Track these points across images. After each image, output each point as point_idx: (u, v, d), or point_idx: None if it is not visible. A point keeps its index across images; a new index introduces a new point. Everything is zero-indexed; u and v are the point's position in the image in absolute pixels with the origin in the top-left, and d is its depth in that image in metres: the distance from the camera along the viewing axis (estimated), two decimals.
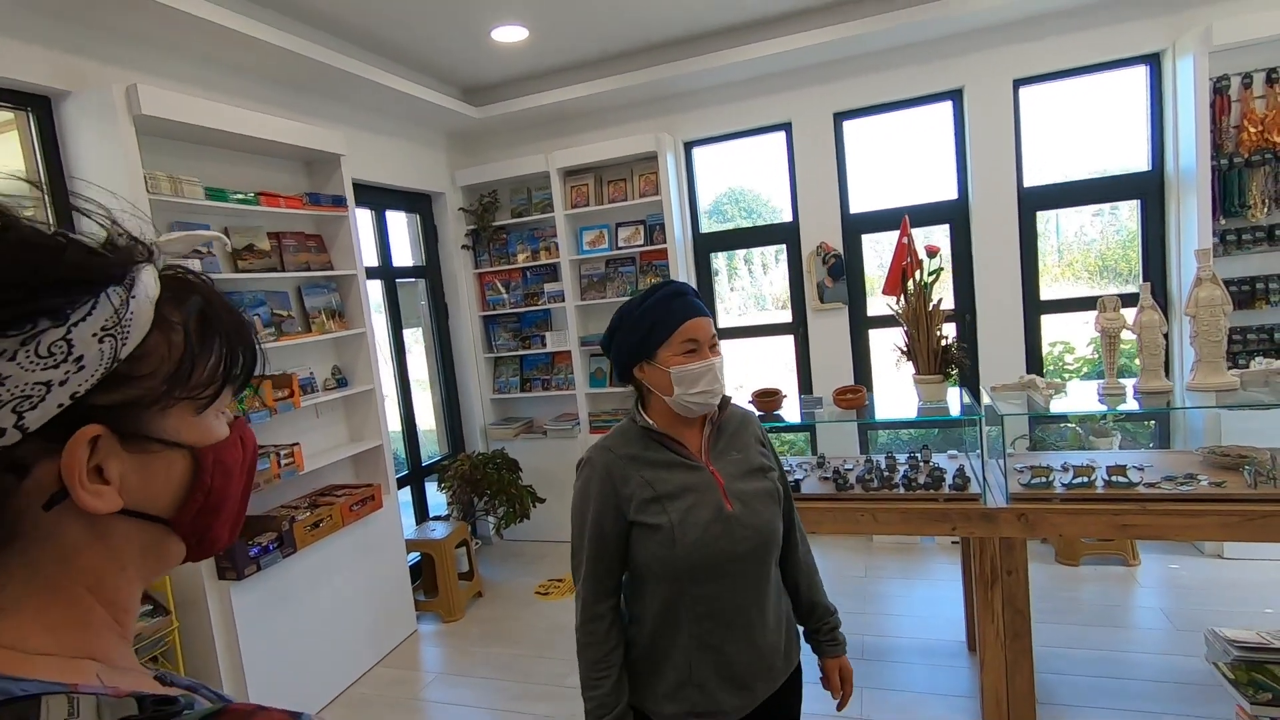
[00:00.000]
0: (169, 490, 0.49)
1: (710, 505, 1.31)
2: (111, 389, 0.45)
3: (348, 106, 3.72)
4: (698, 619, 1.31)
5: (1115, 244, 4.14)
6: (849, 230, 4.09)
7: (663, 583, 1.32)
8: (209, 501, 0.51)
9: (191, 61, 2.88)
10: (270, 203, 2.96)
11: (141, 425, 0.47)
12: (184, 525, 0.50)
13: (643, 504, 1.31)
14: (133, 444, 0.46)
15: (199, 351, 0.49)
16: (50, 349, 0.41)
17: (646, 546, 1.31)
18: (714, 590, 1.31)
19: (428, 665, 3.29)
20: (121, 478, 0.46)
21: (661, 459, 1.35)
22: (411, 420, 4.32)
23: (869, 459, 2.77)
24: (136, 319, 0.45)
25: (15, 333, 0.40)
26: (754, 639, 1.34)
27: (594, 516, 1.33)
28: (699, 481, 1.33)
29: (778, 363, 4.51)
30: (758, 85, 4.08)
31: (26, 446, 0.42)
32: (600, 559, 1.34)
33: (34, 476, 0.43)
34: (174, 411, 0.48)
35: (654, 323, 1.33)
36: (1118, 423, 3.65)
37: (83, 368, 0.43)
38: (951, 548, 3.86)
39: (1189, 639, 2.79)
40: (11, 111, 2.40)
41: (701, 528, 1.29)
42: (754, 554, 1.33)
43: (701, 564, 1.29)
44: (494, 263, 4.65)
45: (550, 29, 3.60)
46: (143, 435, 0.47)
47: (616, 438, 1.39)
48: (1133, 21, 3.45)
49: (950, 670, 2.77)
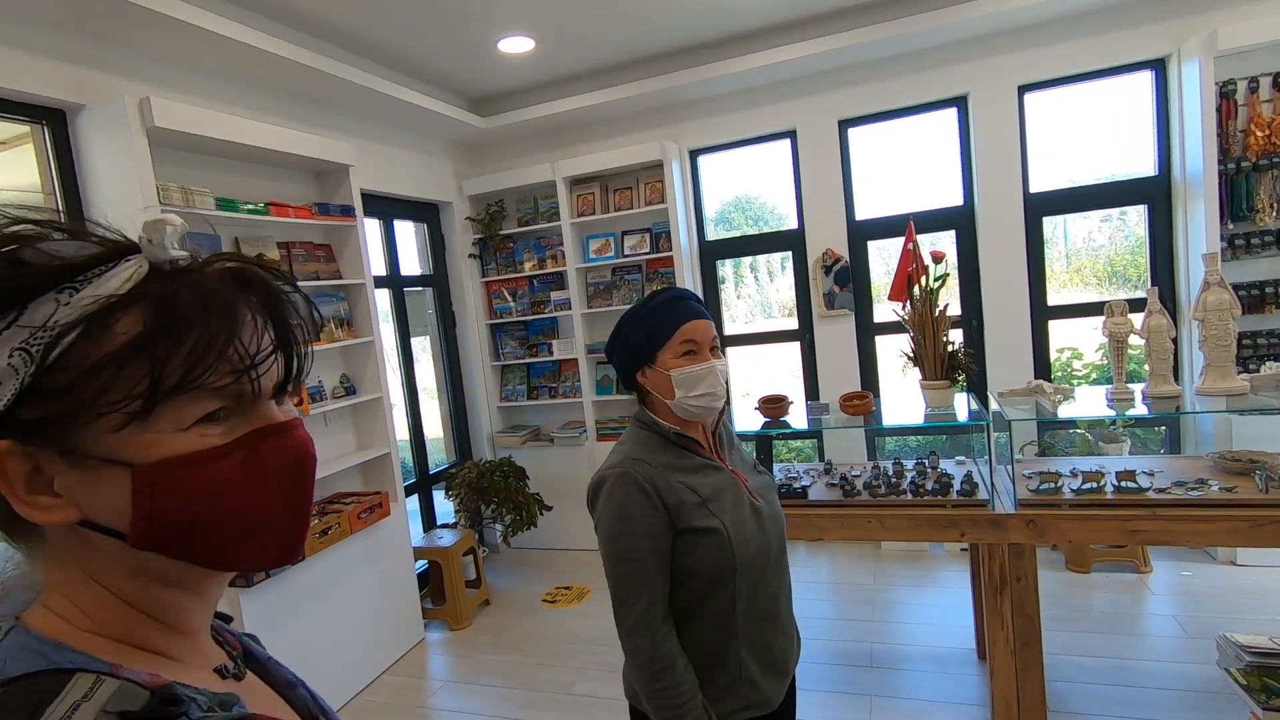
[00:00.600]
0: (119, 508, 0.46)
1: (745, 503, 1.34)
2: (32, 404, 0.43)
3: (356, 117, 3.76)
4: (744, 615, 1.31)
5: (1124, 250, 4.13)
6: (855, 237, 4.09)
7: (714, 585, 1.28)
8: (162, 523, 0.46)
9: (203, 74, 2.92)
10: (280, 213, 3.00)
11: (70, 440, 0.44)
12: (144, 544, 0.46)
13: (692, 510, 1.27)
14: (71, 459, 0.44)
15: (115, 360, 0.44)
16: None
17: (699, 552, 1.27)
18: (757, 585, 1.32)
19: (435, 673, 3.29)
20: (68, 490, 0.45)
21: (693, 464, 1.34)
22: (419, 428, 4.33)
23: (876, 465, 2.76)
24: (59, 328, 0.43)
25: None
26: (784, 625, 1.38)
27: (644, 533, 1.25)
28: (728, 482, 1.35)
29: (784, 370, 4.51)
30: (762, 94, 4.10)
31: None
32: (658, 575, 1.26)
33: None
34: (99, 426, 0.44)
35: (654, 326, 1.35)
36: (1127, 428, 3.64)
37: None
38: (960, 555, 3.84)
39: (1202, 646, 2.76)
40: (27, 125, 2.44)
41: (747, 526, 1.31)
42: (781, 545, 1.38)
43: (749, 561, 1.29)
44: (501, 271, 4.68)
45: (557, 40, 3.63)
46: (75, 451, 0.44)
47: (642, 449, 1.33)
48: (1138, 27, 3.45)
49: (960, 678, 2.75)
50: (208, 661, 0.53)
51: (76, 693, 0.41)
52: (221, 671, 0.53)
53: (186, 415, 0.46)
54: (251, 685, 0.57)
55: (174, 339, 0.45)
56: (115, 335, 0.44)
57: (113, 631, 0.47)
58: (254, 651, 0.63)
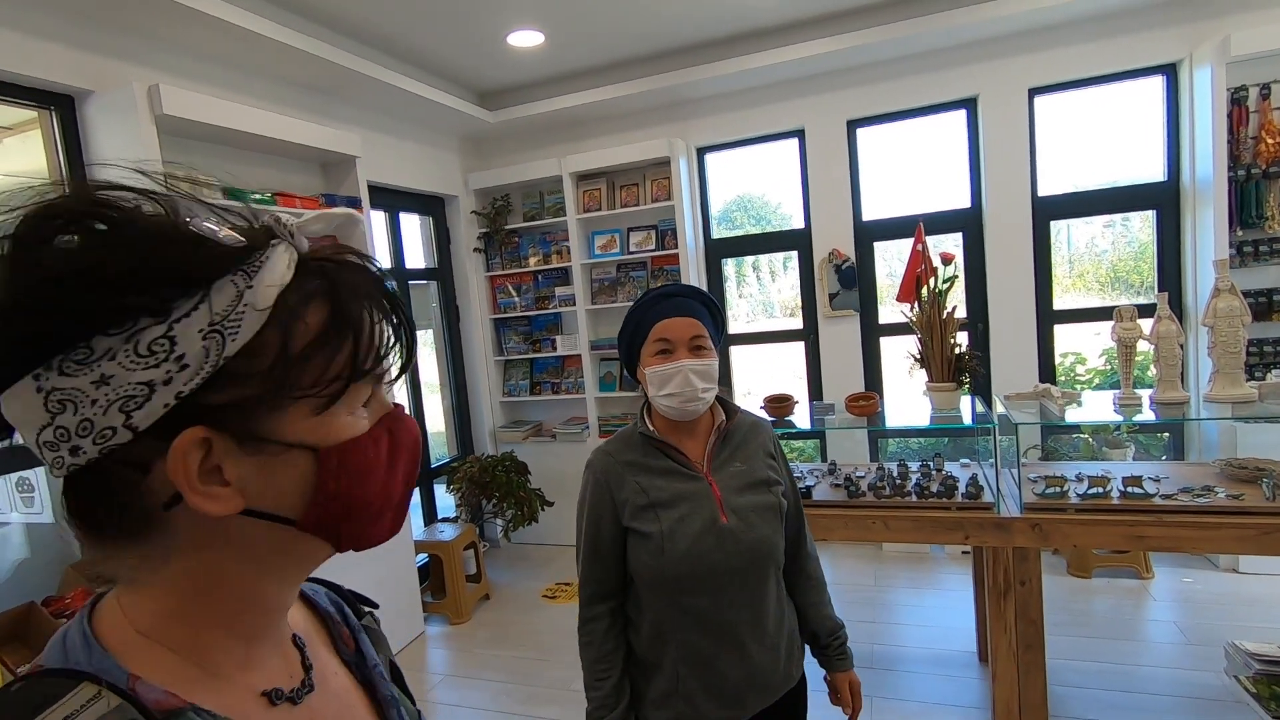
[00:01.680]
0: (294, 492, 0.46)
1: (703, 516, 1.29)
2: (220, 388, 0.42)
3: (363, 109, 3.75)
4: (686, 630, 1.30)
5: (1127, 255, 4.11)
6: (861, 237, 4.08)
7: (653, 591, 1.31)
8: (335, 505, 0.47)
9: (212, 62, 2.91)
10: (286, 203, 2.99)
11: (256, 426, 0.44)
12: (312, 527, 0.47)
13: (636, 510, 1.31)
14: (249, 445, 0.44)
15: (317, 346, 0.45)
16: (150, 347, 0.40)
17: (637, 554, 1.31)
18: (705, 603, 1.29)
19: (435, 667, 3.29)
20: (240, 479, 0.44)
21: (659, 466, 1.35)
22: (421, 422, 4.33)
23: (881, 466, 2.75)
24: (249, 313, 0.43)
25: (116, 331, 0.40)
26: (747, 654, 1.31)
27: (591, 519, 1.35)
28: (695, 491, 1.32)
29: (787, 369, 4.50)
30: (771, 92, 4.08)
31: (142, 446, 0.42)
32: (597, 561, 1.35)
33: (154, 475, 0.43)
34: (292, 411, 0.45)
35: (635, 325, 1.37)
36: (1130, 434, 3.63)
37: (186, 366, 0.41)
38: (961, 557, 3.83)
39: (1204, 653, 2.76)
40: (36, 110, 2.43)
41: (691, 539, 1.27)
42: (748, 569, 1.30)
43: (690, 575, 1.27)
44: (505, 266, 4.67)
45: (566, 34, 3.62)
46: (258, 437, 0.44)
47: (617, 442, 1.40)
48: (1150, 31, 3.44)
49: (961, 681, 2.75)
50: (262, 680, 0.50)
51: (73, 703, 0.40)
52: (272, 696, 0.50)
53: (354, 400, 0.49)
54: (312, 711, 0.53)
55: (357, 328, 0.47)
56: (307, 323, 0.45)
57: (167, 637, 0.46)
58: (366, 654, 0.61)
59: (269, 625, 0.52)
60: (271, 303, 0.44)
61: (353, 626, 0.63)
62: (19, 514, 2.54)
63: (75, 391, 0.40)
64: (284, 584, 0.52)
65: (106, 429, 0.41)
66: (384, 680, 0.61)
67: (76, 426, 0.41)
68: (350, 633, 0.62)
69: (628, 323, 1.39)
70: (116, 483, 0.43)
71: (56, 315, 0.40)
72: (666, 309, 1.35)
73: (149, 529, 0.44)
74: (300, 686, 0.53)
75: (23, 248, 0.40)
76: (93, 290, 0.40)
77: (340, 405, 0.47)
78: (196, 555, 0.46)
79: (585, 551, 1.36)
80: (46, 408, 0.40)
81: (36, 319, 0.40)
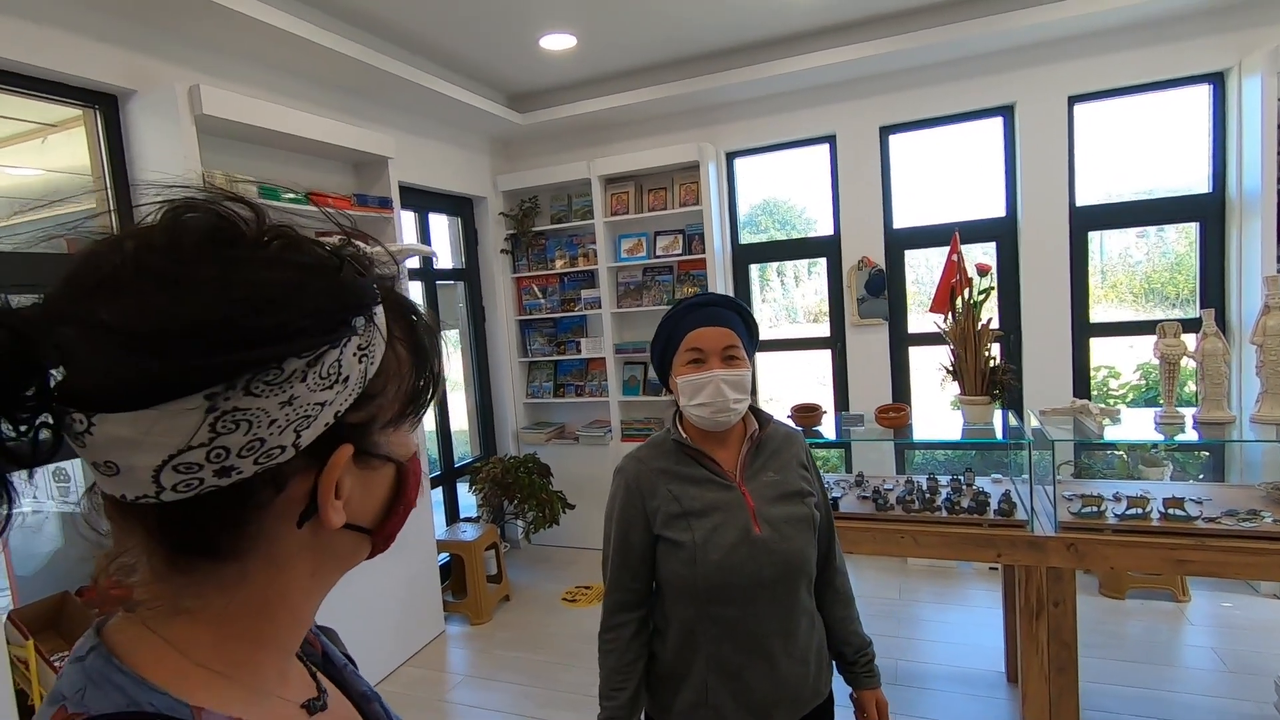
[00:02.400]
0: (378, 503, 0.50)
1: (737, 527, 1.28)
2: (359, 408, 0.45)
3: (396, 110, 3.78)
4: (716, 641, 1.29)
5: (1162, 267, 4.00)
6: (892, 245, 4.02)
7: (683, 601, 1.30)
8: (405, 512, 0.51)
9: (249, 63, 2.95)
10: (320, 202, 2.99)
11: (372, 442, 0.47)
12: (381, 536, 0.51)
13: (668, 519, 1.30)
14: (361, 460, 0.46)
15: (414, 366, 0.49)
16: (328, 370, 0.42)
17: (668, 563, 1.30)
18: (735, 614, 1.28)
19: (454, 667, 3.30)
20: (350, 492, 0.46)
21: (692, 474, 1.33)
22: (446, 421, 4.35)
23: (910, 480, 2.70)
24: (377, 336, 0.46)
25: (307, 354, 0.41)
26: (776, 667, 1.29)
27: (620, 526, 1.34)
28: (728, 501, 1.30)
29: (810, 377, 4.45)
30: (803, 97, 4.04)
31: (290, 463, 0.42)
32: (625, 568, 1.34)
33: (287, 492, 0.43)
34: (390, 428, 0.48)
35: (668, 335, 1.36)
36: (1168, 452, 3.52)
37: (347, 386, 0.43)
38: (989, 573, 3.75)
39: (1245, 682, 2.66)
40: (81, 109, 2.48)
41: (725, 549, 1.26)
42: (780, 581, 1.28)
43: (722, 586, 1.26)
44: (532, 268, 4.68)
45: (599, 37, 3.62)
46: (371, 452, 0.47)
47: (649, 449, 1.39)
48: (1197, 39, 3.35)
49: (989, 701, 2.68)
50: (296, 692, 0.51)
51: None
52: (310, 707, 0.51)
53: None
54: (336, 717, 0.54)
55: (434, 347, 0.52)
56: (399, 345, 0.49)
57: (224, 662, 0.45)
58: (332, 656, 0.61)
59: (301, 638, 0.52)
60: (386, 327, 0.47)
61: (312, 628, 0.63)
62: (54, 503, 2.59)
63: (259, 412, 0.40)
64: (325, 594, 0.52)
65: (276, 448, 0.41)
66: (357, 677, 0.61)
67: (241, 447, 0.40)
68: (314, 634, 0.62)
69: (660, 331, 1.38)
70: (252, 502, 0.42)
71: (273, 332, 0.39)
72: (699, 318, 1.33)
73: (249, 549, 0.44)
74: (320, 694, 0.53)
75: (238, 253, 0.41)
76: (310, 313, 0.41)
77: (407, 422, 0.51)
78: (275, 572, 0.46)
79: (614, 559, 1.35)
80: (214, 428, 0.38)
81: (250, 334, 0.39)
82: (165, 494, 0.40)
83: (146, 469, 0.39)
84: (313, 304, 0.41)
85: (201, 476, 0.39)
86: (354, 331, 0.43)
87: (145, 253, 0.39)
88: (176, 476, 0.39)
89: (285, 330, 0.40)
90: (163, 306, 0.37)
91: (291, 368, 0.40)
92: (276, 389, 0.40)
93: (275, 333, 0.39)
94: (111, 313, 0.37)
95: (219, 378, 0.38)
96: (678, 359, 1.34)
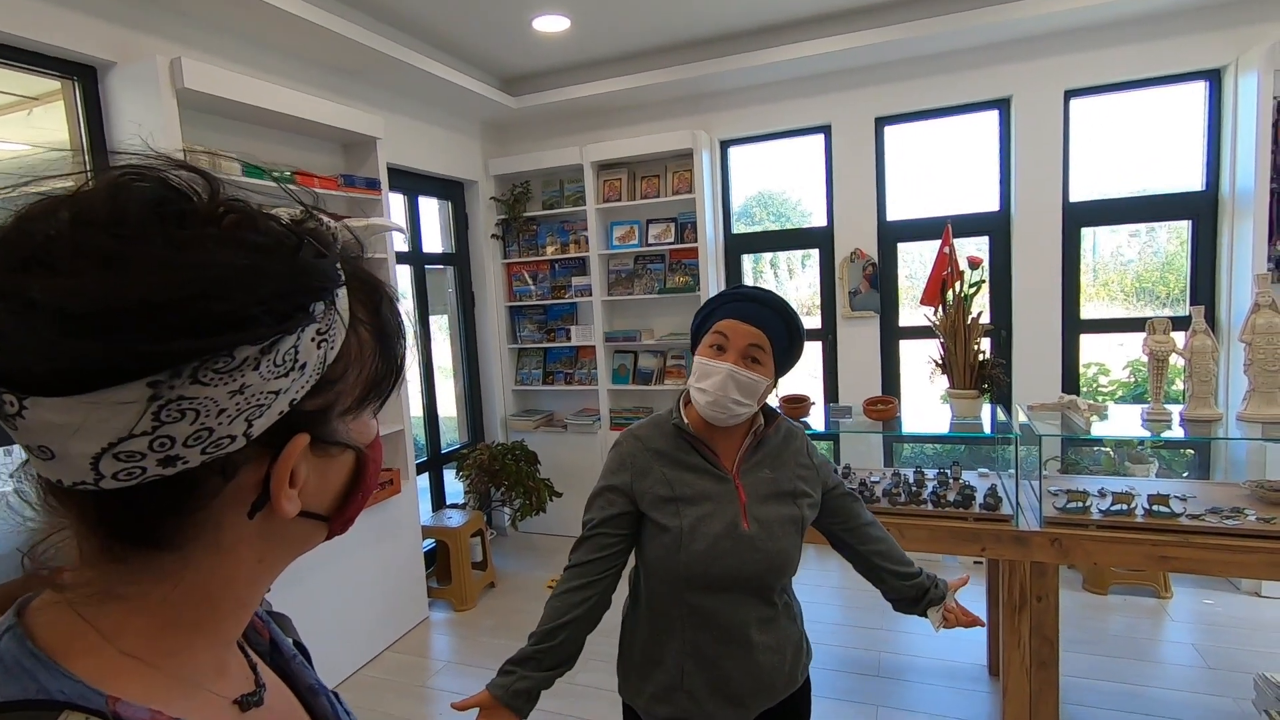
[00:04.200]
0: (335, 489, 0.48)
1: (725, 519, 1.27)
2: (316, 394, 0.43)
3: (385, 90, 3.72)
4: (694, 628, 1.29)
5: (1153, 265, 4.00)
6: (885, 238, 4.00)
7: (664, 585, 1.30)
8: (363, 500, 0.50)
9: (235, 38, 2.89)
10: (306, 182, 2.97)
11: (330, 429, 0.45)
12: (338, 523, 0.49)
13: (657, 501, 1.29)
14: (319, 448, 0.45)
15: (378, 351, 0.47)
16: (284, 357, 0.39)
17: (652, 546, 1.30)
18: (714, 604, 1.28)
19: (437, 653, 3.29)
20: (306, 480, 0.44)
21: (688, 461, 1.32)
22: (433, 407, 4.32)
23: (897, 473, 2.70)
24: (338, 320, 0.43)
25: (260, 341, 0.38)
26: (752, 656, 1.30)
27: (605, 493, 1.33)
28: (720, 492, 1.30)
29: (801, 369, 4.43)
30: (798, 86, 4.00)
31: (242, 453, 0.40)
32: (597, 536, 1.32)
33: (237, 481, 0.41)
34: (350, 414, 0.47)
35: (708, 313, 1.35)
36: (1154, 449, 3.54)
37: (303, 374, 0.41)
38: (973, 567, 3.76)
39: (1224, 679, 2.68)
40: (59, 80, 2.42)
41: (710, 540, 1.25)
42: (760, 577, 1.29)
43: (702, 575, 1.26)
44: (523, 254, 4.63)
45: (592, 20, 3.56)
46: (329, 440, 0.45)
47: (649, 427, 1.38)
48: (1195, 35, 3.32)
49: (970, 694, 2.69)
50: (233, 685, 0.48)
51: None
52: (243, 702, 0.48)
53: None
54: (274, 713, 0.52)
55: (399, 330, 0.50)
56: (361, 328, 0.46)
57: (155, 653, 0.42)
58: (281, 646, 0.59)
59: (244, 627, 0.49)
60: (349, 309, 0.44)
61: (261, 615, 0.60)
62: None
63: (207, 401, 0.37)
64: (273, 580, 0.50)
65: (225, 438, 0.39)
66: (305, 669, 0.58)
67: (187, 436, 0.37)
68: (261, 622, 0.59)
69: (706, 305, 1.37)
70: (198, 491, 0.40)
71: (223, 319, 0.36)
72: (740, 309, 1.30)
73: (193, 537, 0.42)
74: (256, 689, 0.51)
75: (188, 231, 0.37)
76: (265, 299, 0.38)
77: (369, 406, 0.49)
78: (220, 560, 0.43)
79: (590, 516, 1.34)
80: (158, 416, 0.36)
81: (198, 320, 0.36)
82: (105, 482, 0.37)
83: (84, 456, 0.36)
84: (268, 289, 0.38)
85: (144, 466, 0.37)
86: (311, 317, 0.40)
87: (83, 226, 0.36)
88: (117, 465, 0.37)
89: (237, 316, 0.37)
90: (102, 287, 0.34)
91: (243, 355, 0.37)
92: (226, 377, 0.37)
93: (226, 319, 0.36)
94: (44, 292, 0.34)
95: (163, 365, 0.35)
96: (705, 339, 1.33)
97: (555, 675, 1.27)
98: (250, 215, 0.40)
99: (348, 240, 0.47)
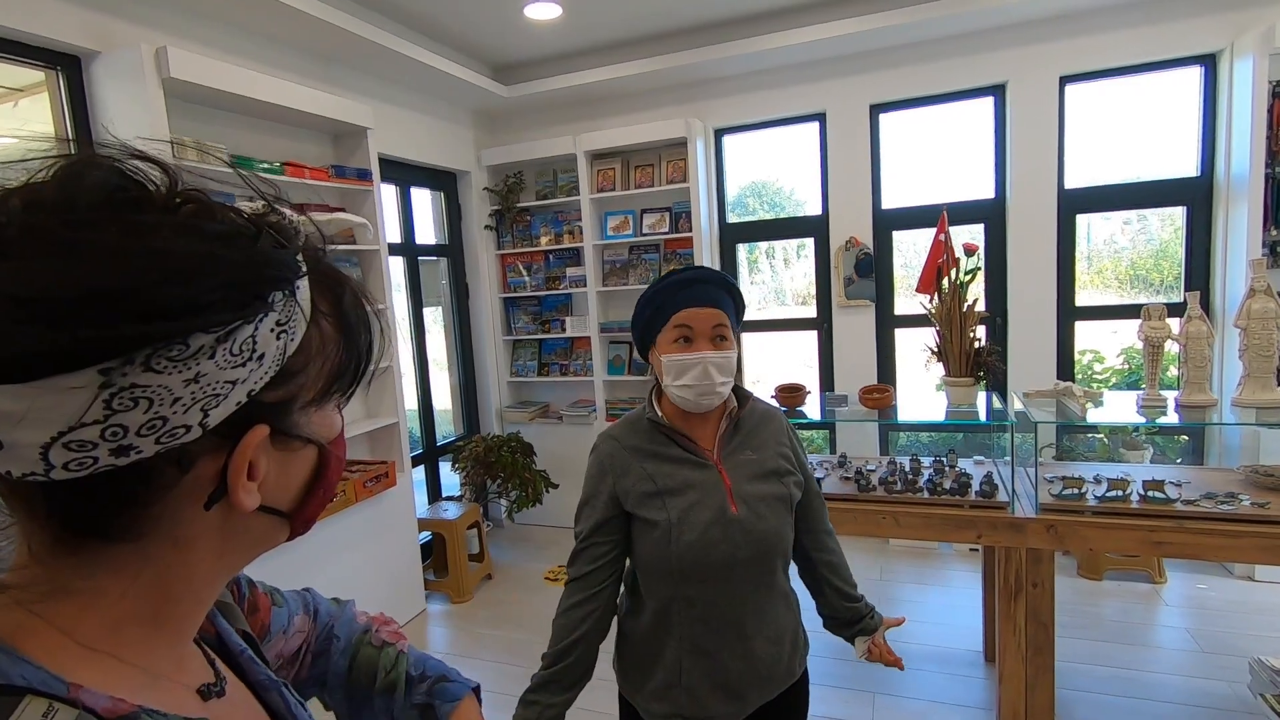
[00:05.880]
0: (296, 485, 0.48)
1: (713, 506, 1.26)
2: (276, 386, 0.43)
3: (376, 80, 3.68)
4: (691, 621, 1.27)
5: (1147, 252, 4.00)
6: (880, 226, 3.99)
7: (658, 580, 1.28)
8: (326, 495, 0.50)
9: (223, 26, 2.84)
10: (295, 173, 2.94)
11: (291, 423, 0.45)
12: (300, 518, 0.49)
13: (641, 497, 1.28)
14: (279, 441, 0.44)
15: (342, 344, 0.47)
16: (241, 347, 0.39)
17: (643, 542, 1.28)
18: (709, 594, 1.26)
19: (435, 645, 3.29)
20: (267, 474, 0.44)
21: (667, 453, 1.31)
22: (428, 399, 4.30)
23: (893, 461, 2.69)
24: (298, 312, 0.43)
25: (216, 329, 0.38)
26: (750, 647, 1.28)
27: (590, 502, 1.32)
28: (704, 480, 1.28)
29: (796, 358, 4.43)
30: (793, 73, 3.98)
31: (198, 444, 0.40)
32: (591, 549, 1.30)
33: (194, 472, 0.41)
34: (311, 407, 0.46)
35: (655, 309, 1.31)
36: (1149, 435, 3.55)
37: (262, 364, 0.41)
38: (969, 554, 3.78)
39: (1217, 662, 2.70)
40: (43, 71, 2.38)
41: (700, 528, 1.24)
42: (755, 560, 1.27)
43: (696, 565, 1.24)
44: (516, 244, 4.61)
45: (584, 6, 3.52)
46: (290, 433, 0.45)
47: (623, 427, 1.37)
48: (1190, 19, 3.31)
49: (966, 680, 2.70)
50: (191, 677, 0.48)
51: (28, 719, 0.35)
52: (205, 692, 0.48)
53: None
54: (233, 704, 0.51)
55: (366, 324, 0.50)
56: (324, 321, 0.46)
57: (116, 645, 0.42)
58: (228, 641, 0.58)
59: (200, 622, 0.49)
60: (310, 301, 0.44)
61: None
62: None
63: (160, 390, 0.36)
64: (231, 576, 0.50)
65: (180, 428, 0.38)
66: (255, 664, 0.58)
67: (141, 425, 0.37)
68: (208, 618, 0.58)
69: (647, 303, 1.32)
70: (153, 482, 0.40)
71: (178, 305, 0.36)
72: (691, 296, 1.28)
73: (149, 530, 0.41)
74: (218, 679, 0.50)
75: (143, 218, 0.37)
76: (221, 286, 0.38)
77: (332, 401, 0.49)
78: (177, 554, 0.43)
79: (581, 530, 1.32)
80: (109, 405, 0.35)
81: (152, 307, 0.35)
82: (55, 472, 0.36)
83: (33, 446, 0.35)
84: (224, 277, 0.38)
85: (96, 455, 0.36)
86: (270, 307, 0.40)
87: (34, 211, 0.35)
88: (68, 455, 0.36)
89: (192, 303, 0.36)
90: (51, 272, 0.34)
91: (199, 343, 0.37)
92: (181, 365, 0.37)
93: (181, 305, 0.36)
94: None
95: (114, 352, 0.35)
96: (664, 335, 1.29)
97: (577, 692, 1.27)
98: (208, 205, 0.40)
99: (311, 233, 0.47)
